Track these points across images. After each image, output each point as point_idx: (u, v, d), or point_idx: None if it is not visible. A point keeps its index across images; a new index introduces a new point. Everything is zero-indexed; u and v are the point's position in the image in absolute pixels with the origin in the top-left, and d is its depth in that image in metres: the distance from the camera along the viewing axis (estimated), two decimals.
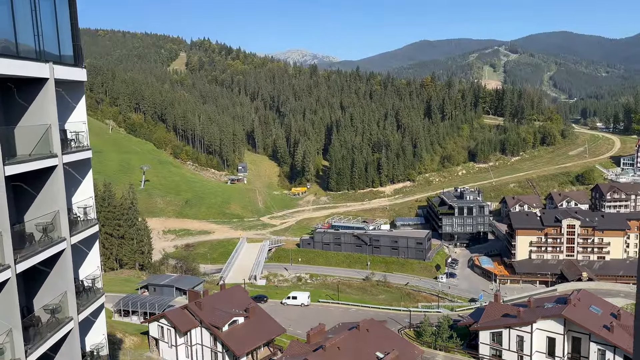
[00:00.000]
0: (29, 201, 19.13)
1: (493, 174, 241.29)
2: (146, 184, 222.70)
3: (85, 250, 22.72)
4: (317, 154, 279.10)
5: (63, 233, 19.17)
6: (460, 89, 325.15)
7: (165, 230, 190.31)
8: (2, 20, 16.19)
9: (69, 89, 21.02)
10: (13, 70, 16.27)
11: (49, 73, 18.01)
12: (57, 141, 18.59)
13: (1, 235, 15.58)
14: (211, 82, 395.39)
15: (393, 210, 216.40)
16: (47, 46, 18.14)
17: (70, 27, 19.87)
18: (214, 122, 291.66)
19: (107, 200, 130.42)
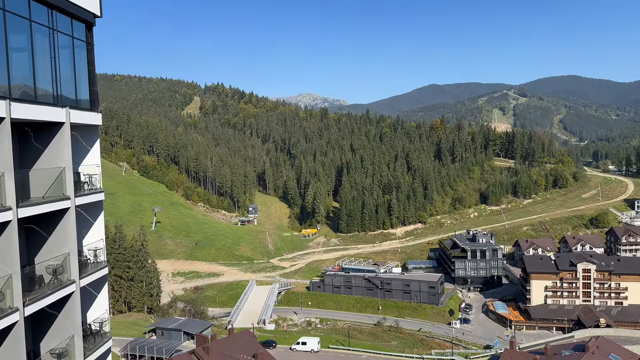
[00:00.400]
0: (40, 243, 19.18)
1: (505, 216, 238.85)
2: (157, 225, 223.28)
3: (94, 293, 22.54)
4: (328, 196, 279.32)
5: (73, 275, 19.09)
6: (470, 132, 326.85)
7: (174, 273, 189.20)
8: (23, 66, 16.75)
9: (84, 133, 21.42)
10: (31, 115, 16.68)
11: (65, 117, 18.42)
12: (71, 184, 18.79)
13: (11, 277, 15.55)
14: (224, 125, 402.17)
15: (404, 252, 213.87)
16: (65, 91, 18.64)
17: (87, 72, 20.46)
18: (226, 164, 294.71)
19: (117, 242, 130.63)
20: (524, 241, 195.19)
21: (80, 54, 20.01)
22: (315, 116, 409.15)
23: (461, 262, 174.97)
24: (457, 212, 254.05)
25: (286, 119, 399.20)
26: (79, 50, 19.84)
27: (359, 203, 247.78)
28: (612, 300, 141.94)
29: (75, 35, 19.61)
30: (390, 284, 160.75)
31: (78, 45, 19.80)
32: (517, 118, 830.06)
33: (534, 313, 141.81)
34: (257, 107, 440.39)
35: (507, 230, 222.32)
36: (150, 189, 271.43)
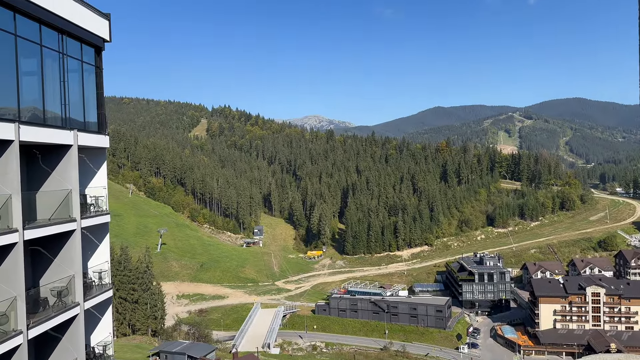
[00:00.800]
0: (45, 265, 19.17)
1: (513, 239, 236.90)
2: (162, 247, 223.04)
3: (98, 316, 22.40)
4: (333, 217, 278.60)
5: (77, 298, 19.02)
6: (476, 154, 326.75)
7: (179, 295, 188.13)
8: (33, 89, 17.01)
9: (92, 155, 21.60)
10: (40, 138, 16.87)
11: (73, 140, 18.61)
12: (77, 206, 18.87)
13: (15, 300, 15.51)
14: (230, 147, 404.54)
15: (411, 275, 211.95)
16: (73, 114, 18.88)
17: (95, 95, 20.74)
18: (232, 185, 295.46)
19: (123, 264, 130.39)
20: (532, 264, 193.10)
21: (89, 77, 20.33)
22: (321, 138, 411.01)
23: (469, 286, 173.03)
24: (464, 234, 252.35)
25: (292, 140, 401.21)
26: (87, 74, 20.16)
27: (364, 225, 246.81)
28: (623, 324, 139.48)
29: (85, 59, 19.95)
30: (397, 308, 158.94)
31: (87, 69, 20.13)
32: (522, 140, 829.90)
33: (543, 338, 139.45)
34: (263, 129, 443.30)
35: (515, 253, 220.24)
36: (156, 210, 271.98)
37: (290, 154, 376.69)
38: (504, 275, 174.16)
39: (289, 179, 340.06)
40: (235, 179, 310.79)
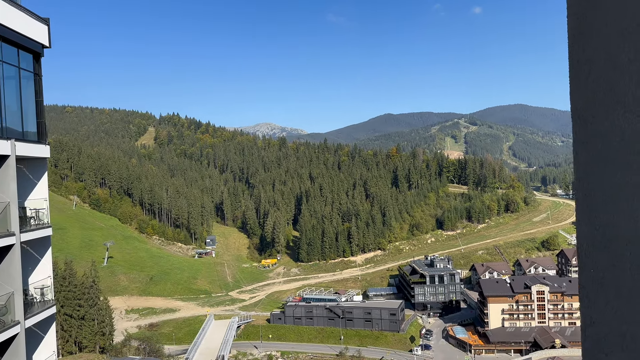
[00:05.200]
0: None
1: (461, 241, 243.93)
2: (109, 260, 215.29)
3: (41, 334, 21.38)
4: (287, 225, 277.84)
5: (17, 316, 18.09)
6: (425, 159, 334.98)
7: (128, 310, 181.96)
8: None
9: (31, 166, 20.66)
10: None
11: (11, 150, 17.74)
12: (16, 219, 17.99)
13: None
14: (180, 156, 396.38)
15: (365, 280, 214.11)
16: (10, 123, 18.01)
17: (34, 103, 19.88)
18: (182, 195, 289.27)
19: (67, 279, 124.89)
20: (480, 265, 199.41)
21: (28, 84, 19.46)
22: (273, 145, 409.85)
23: (420, 288, 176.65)
24: (415, 238, 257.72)
25: (244, 148, 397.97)
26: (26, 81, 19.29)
27: (319, 231, 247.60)
28: (566, 320, 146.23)
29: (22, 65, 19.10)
30: (352, 313, 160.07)
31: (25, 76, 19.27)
32: (468, 145, 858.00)
33: (492, 336, 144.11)
34: (214, 137, 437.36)
35: (464, 255, 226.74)
36: (102, 222, 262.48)
37: (243, 162, 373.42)
38: (454, 276, 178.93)
39: (242, 187, 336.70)
40: (185, 189, 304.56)
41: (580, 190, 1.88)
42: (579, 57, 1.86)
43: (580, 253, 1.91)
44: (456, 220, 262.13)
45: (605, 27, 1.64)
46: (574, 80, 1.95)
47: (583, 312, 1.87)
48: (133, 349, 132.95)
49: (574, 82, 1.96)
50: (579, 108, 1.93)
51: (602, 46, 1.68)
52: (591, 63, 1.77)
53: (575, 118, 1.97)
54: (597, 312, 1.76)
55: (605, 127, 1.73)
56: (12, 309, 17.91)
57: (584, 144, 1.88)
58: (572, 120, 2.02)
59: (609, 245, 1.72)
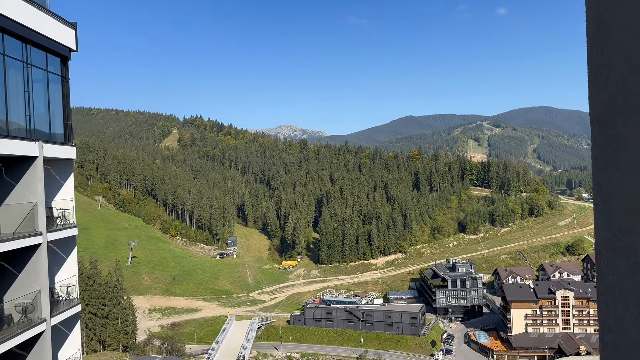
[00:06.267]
0: (9, 280, 18.58)
1: (484, 245, 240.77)
2: (133, 260, 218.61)
3: (66, 332, 21.81)
4: (308, 227, 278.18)
5: (43, 314, 18.49)
6: (447, 162, 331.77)
7: (151, 309, 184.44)
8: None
9: (58, 167, 21.12)
10: (2, 150, 16.40)
11: (38, 152, 18.17)
12: (43, 219, 18.40)
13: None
14: (202, 158, 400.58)
15: (385, 283, 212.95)
16: (38, 125, 18.45)
17: (62, 106, 20.33)
18: (205, 196, 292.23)
19: (92, 278, 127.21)
20: (503, 270, 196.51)
21: (55, 87, 19.93)
22: (294, 147, 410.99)
23: (442, 292, 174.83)
24: (437, 241, 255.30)
25: (265, 150, 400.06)
26: (53, 84, 19.76)
27: (339, 234, 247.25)
28: (592, 327, 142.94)
29: (50, 69, 19.56)
30: (372, 316, 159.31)
31: (53, 79, 19.74)
32: (492, 148, 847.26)
33: (515, 342, 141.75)
34: (236, 139, 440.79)
35: (486, 259, 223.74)
36: (126, 223, 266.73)
37: (264, 164, 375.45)
38: (476, 281, 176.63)
39: (263, 189, 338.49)
40: (208, 190, 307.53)
41: (599, 195, 1.82)
42: (598, 61, 1.82)
43: (599, 259, 1.85)
44: (479, 224, 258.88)
45: (624, 31, 1.60)
46: (593, 85, 1.90)
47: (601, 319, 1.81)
48: (155, 348, 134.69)
49: (593, 87, 1.91)
50: (597, 112, 1.89)
51: (621, 50, 1.64)
52: (610, 67, 1.72)
53: (594, 122, 1.93)
54: (616, 319, 1.70)
55: (624, 132, 1.68)
56: (39, 307, 18.32)
57: (603, 148, 1.83)
58: (590, 124, 1.97)
59: (628, 252, 1.65)
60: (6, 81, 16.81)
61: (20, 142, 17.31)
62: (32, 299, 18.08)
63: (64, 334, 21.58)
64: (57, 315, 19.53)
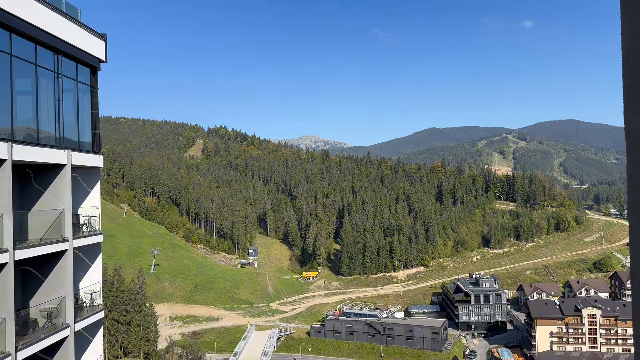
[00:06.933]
0: (35, 285, 18.94)
1: (508, 260, 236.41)
2: (156, 268, 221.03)
3: (89, 338, 22.08)
4: (329, 238, 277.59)
5: (67, 319, 18.76)
6: (471, 174, 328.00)
7: (172, 317, 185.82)
8: (27, 109, 17.02)
9: (85, 175, 21.53)
10: (32, 157, 16.82)
11: (67, 159, 18.57)
12: (69, 226, 18.75)
13: (4, 321, 15.26)
14: (226, 167, 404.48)
15: (407, 296, 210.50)
16: (67, 133, 18.87)
17: (90, 115, 20.78)
18: (227, 205, 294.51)
19: (115, 285, 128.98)
20: (528, 285, 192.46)
21: (84, 97, 20.39)
22: (316, 158, 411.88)
23: (465, 307, 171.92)
24: (460, 255, 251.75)
25: (288, 160, 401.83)
26: (83, 94, 20.23)
27: (360, 245, 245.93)
28: (620, 346, 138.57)
29: (80, 79, 20.04)
30: (393, 330, 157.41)
31: (82, 89, 20.21)
32: (517, 161, 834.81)
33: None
34: (259, 149, 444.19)
35: (511, 274, 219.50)
36: (150, 230, 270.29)
37: (286, 174, 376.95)
38: (500, 296, 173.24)
39: (285, 199, 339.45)
40: (230, 199, 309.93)
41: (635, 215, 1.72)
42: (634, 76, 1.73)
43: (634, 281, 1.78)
44: (503, 238, 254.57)
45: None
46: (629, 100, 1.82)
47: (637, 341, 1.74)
48: (176, 356, 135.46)
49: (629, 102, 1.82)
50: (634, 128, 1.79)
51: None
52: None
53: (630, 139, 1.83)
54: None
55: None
56: (63, 312, 18.60)
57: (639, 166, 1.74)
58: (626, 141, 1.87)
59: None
60: (38, 91, 17.30)
61: (50, 150, 17.73)
62: (57, 304, 18.37)
63: (86, 340, 21.84)
64: (80, 321, 19.79)
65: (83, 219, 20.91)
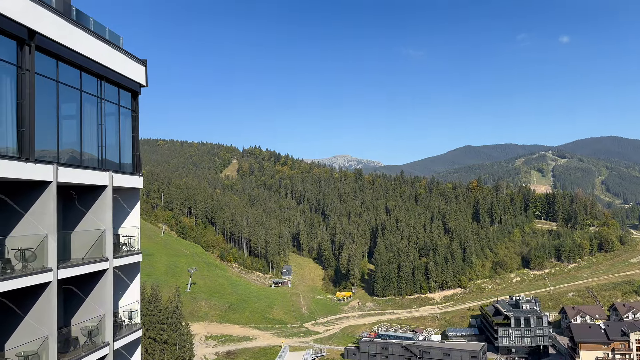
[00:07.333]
0: (77, 304, 19.38)
1: (549, 281, 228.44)
2: (192, 286, 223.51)
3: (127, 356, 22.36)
4: (362, 257, 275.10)
5: (107, 338, 19.08)
6: (509, 193, 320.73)
7: (207, 336, 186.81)
8: (71, 132, 17.68)
9: (125, 195, 22.09)
10: (76, 179, 17.39)
11: (108, 181, 19.12)
12: (110, 246, 19.20)
13: (47, 339, 15.64)
14: (260, 187, 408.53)
15: (444, 319, 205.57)
16: (109, 155, 19.47)
17: (131, 138, 21.41)
18: (261, 224, 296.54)
19: (153, 303, 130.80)
20: (571, 308, 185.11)
21: (125, 120, 21.06)
22: (349, 177, 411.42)
23: (504, 330, 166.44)
24: (498, 276, 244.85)
25: (321, 180, 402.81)
26: (124, 118, 20.90)
27: (394, 265, 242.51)
28: None
29: (122, 103, 20.73)
30: (430, 353, 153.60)
31: (124, 113, 20.89)
32: (556, 179, 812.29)
33: None
34: (292, 169, 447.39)
35: (552, 296, 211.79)
36: (187, 249, 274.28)
37: (319, 193, 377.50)
38: (542, 319, 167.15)
39: (318, 219, 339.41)
40: (264, 218, 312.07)
41: None
42: None
43: None
44: (544, 259, 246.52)
45: None
46: None
47: None
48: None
49: None
50: None
51: None
52: None
53: None
54: None
55: None
56: (103, 331, 18.93)
57: None
58: None
59: None
60: (82, 115, 17.98)
61: (93, 172, 18.32)
62: (97, 322, 18.73)
63: (125, 358, 22.13)
64: (119, 340, 20.09)
65: (123, 238, 21.39)
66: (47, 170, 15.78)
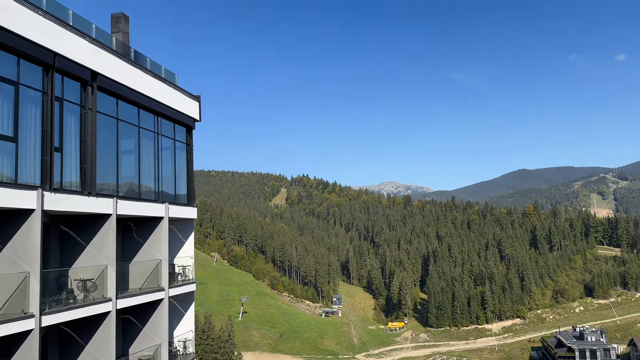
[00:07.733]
0: (134, 333, 19.85)
1: (616, 311, 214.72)
2: (244, 315, 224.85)
3: None
4: (414, 286, 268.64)
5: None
6: (568, 218, 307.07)
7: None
8: (130, 167, 18.46)
9: (180, 226, 22.70)
10: (134, 211, 18.06)
11: (165, 212, 19.74)
12: (166, 275, 19.68)
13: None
14: (308, 215, 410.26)
15: (502, 351, 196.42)
16: (165, 188, 20.16)
17: (186, 170, 22.12)
18: (310, 253, 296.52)
19: (206, 332, 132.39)
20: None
21: (181, 154, 21.82)
22: (398, 204, 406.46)
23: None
24: (560, 305, 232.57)
25: (369, 207, 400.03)
26: (179, 151, 21.67)
27: (448, 295, 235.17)
28: None
29: (177, 137, 21.54)
30: None
31: (179, 147, 21.67)
32: (618, 202, 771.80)
33: None
34: (340, 197, 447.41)
35: (619, 327, 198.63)
36: (238, 278, 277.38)
37: (368, 221, 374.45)
38: (609, 352, 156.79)
39: (367, 246, 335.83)
40: (313, 247, 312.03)
41: None
42: None
43: None
44: (609, 287, 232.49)
45: None
46: None
47: None
48: None
49: None
50: None
51: None
52: None
53: None
54: None
55: None
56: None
57: None
58: None
59: None
60: (140, 150, 18.79)
61: (150, 204, 19.00)
62: (153, 352, 19.09)
63: None
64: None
65: (178, 268, 21.90)
66: (107, 203, 16.47)
